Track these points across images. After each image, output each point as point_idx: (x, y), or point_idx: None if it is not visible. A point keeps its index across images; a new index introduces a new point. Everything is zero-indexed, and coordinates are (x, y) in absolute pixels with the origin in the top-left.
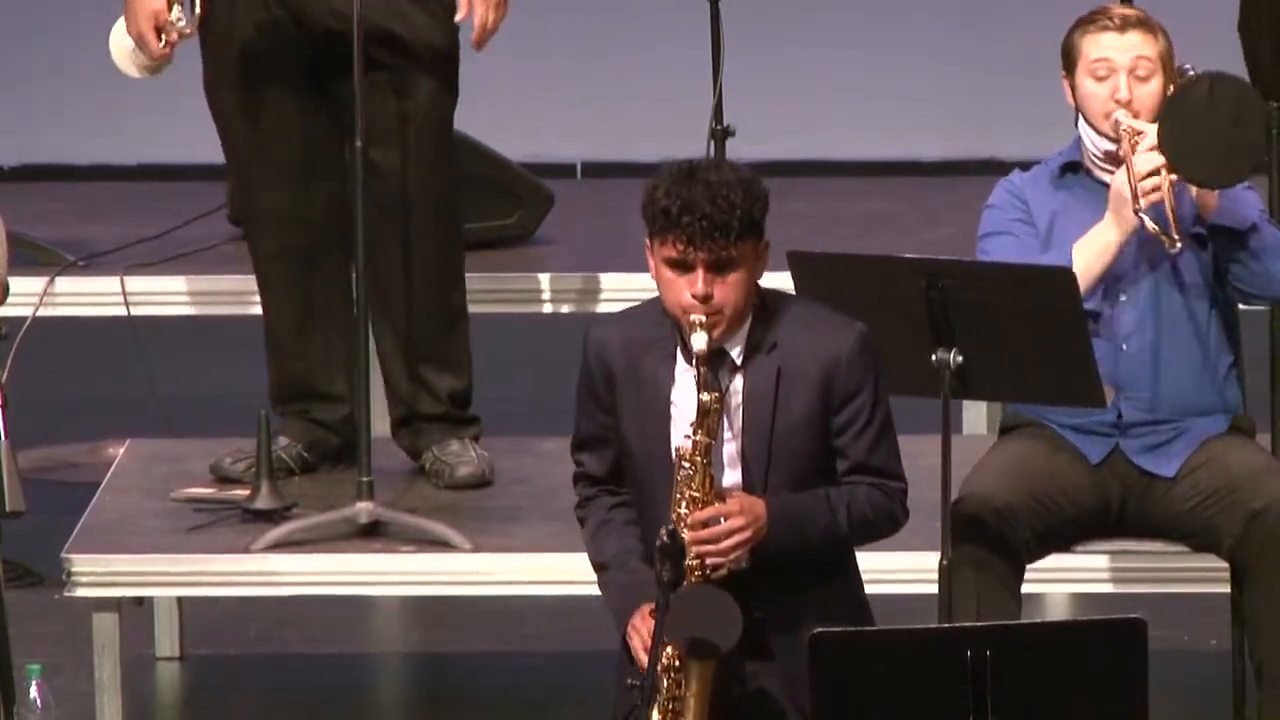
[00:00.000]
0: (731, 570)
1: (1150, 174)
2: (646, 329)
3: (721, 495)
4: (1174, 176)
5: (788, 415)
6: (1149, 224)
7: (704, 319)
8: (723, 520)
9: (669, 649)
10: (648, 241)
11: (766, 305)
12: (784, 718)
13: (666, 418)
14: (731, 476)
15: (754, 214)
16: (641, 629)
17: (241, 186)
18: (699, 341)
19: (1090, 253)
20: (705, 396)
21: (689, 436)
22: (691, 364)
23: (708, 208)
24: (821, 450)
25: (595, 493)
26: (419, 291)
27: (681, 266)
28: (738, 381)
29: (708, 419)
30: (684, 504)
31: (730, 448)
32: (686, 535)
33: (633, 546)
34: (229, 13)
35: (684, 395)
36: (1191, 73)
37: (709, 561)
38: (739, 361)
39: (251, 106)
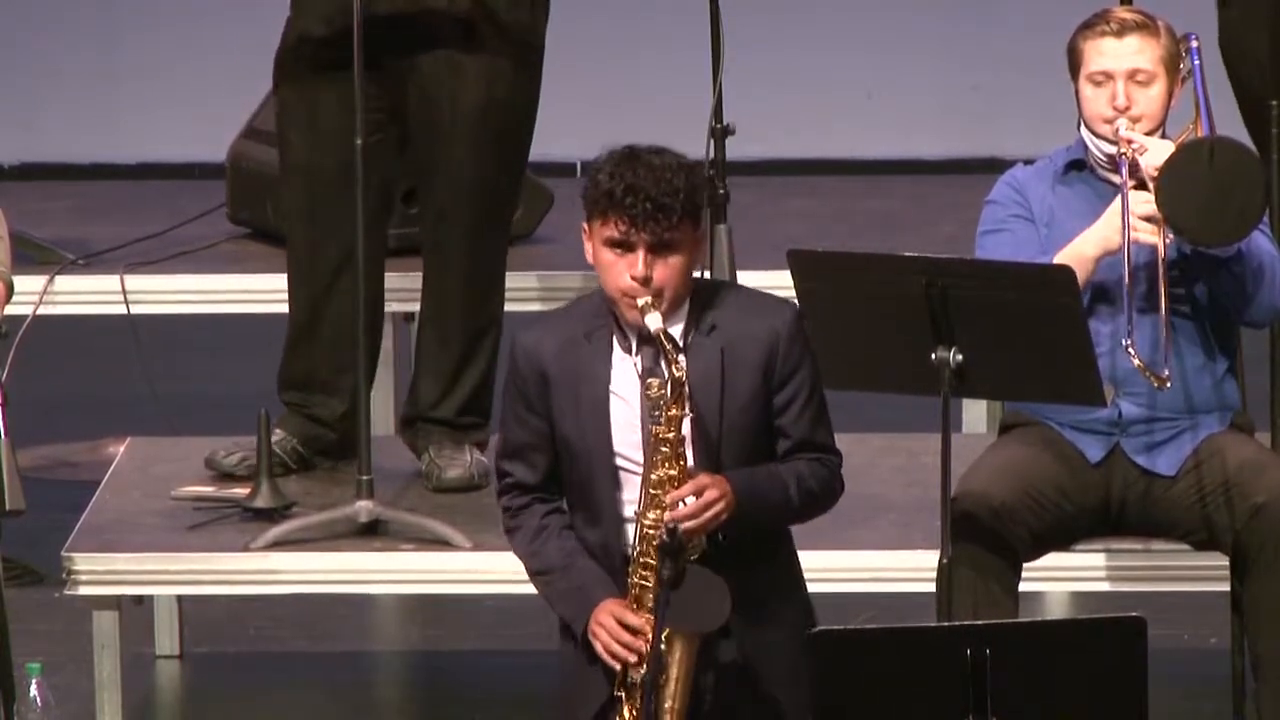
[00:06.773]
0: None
1: (1146, 217)
2: (579, 325)
3: (691, 473)
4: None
5: (735, 395)
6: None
7: (648, 300)
8: (694, 497)
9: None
10: (585, 226)
11: (699, 292)
12: (747, 690)
13: (606, 409)
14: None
15: (696, 198)
16: (609, 625)
17: (284, 169)
18: (654, 321)
19: (1068, 262)
20: (677, 371)
21: (662, 412)
22: (630, 352)
23: (652, 189)
24: (765, 428)
25: (527, 501)
26: (450, 294)
27: (623, 247)
28: (682, 363)
29: (679, 393)
30: (655, 485)
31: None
32: (666, 516)
33: (575, 548)
34: None
35: (624, 384)
36: (1195, 44)
37: (691, 542)
38: (682, 344)
39: (307, 92)
